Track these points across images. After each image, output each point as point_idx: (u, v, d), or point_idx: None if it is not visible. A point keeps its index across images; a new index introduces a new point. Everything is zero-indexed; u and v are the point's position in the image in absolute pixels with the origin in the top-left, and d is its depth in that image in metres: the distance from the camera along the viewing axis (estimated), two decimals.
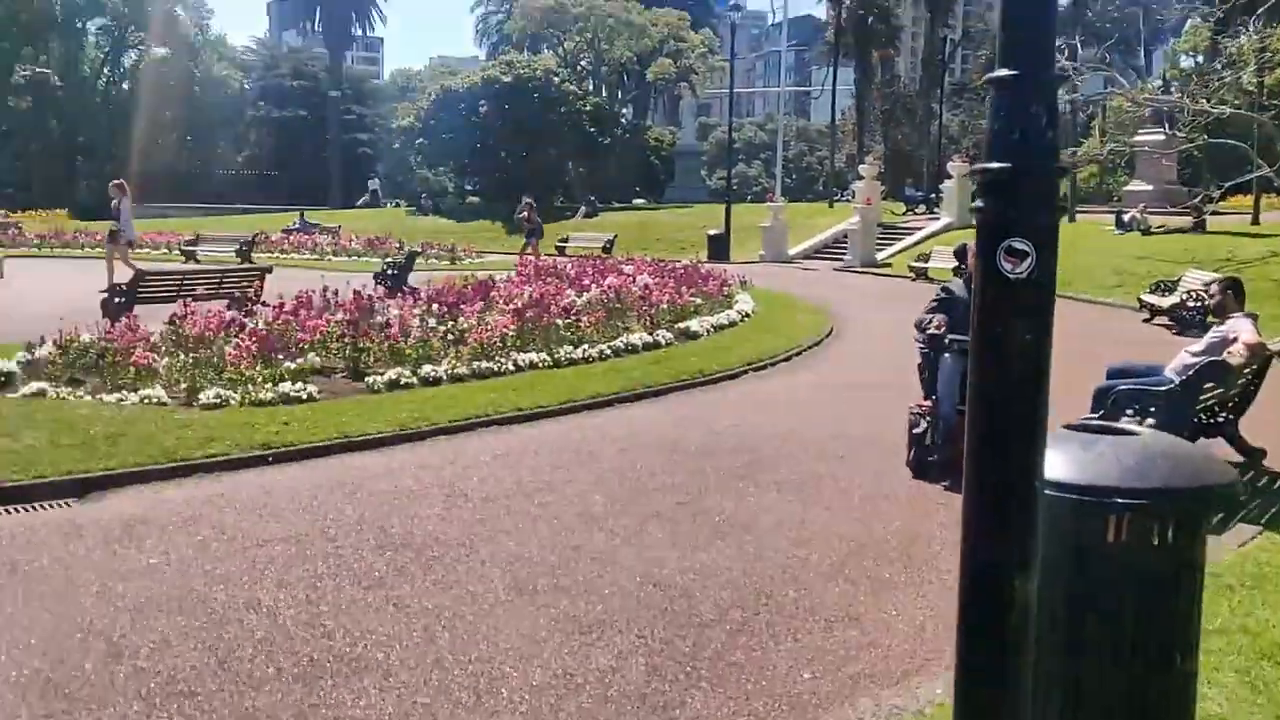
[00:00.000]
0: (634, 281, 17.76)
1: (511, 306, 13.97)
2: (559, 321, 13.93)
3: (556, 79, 51.32)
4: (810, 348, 15.56)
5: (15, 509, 7.07)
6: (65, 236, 38.75)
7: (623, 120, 59.51)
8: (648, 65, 62.36)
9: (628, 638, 4.93)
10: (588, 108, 52.47)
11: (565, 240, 38.13)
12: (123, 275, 19.97)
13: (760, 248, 36.51)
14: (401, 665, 4.61)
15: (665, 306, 16.23)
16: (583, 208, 47.39)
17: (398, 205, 62.29)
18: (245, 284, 16.49)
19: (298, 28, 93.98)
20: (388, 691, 4.37)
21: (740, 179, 79.39)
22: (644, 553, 6.19)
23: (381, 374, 11.39)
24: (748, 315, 18.26)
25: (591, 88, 61.17)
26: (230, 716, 4.15)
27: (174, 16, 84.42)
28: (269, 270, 17.94)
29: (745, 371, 13.43)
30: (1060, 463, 3.22)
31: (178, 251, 34.30)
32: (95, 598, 5.39)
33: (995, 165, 2.89)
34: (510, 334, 13.06)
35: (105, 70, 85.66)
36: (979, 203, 2.95)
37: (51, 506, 7.20)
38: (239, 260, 31.10)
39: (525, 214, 30.69)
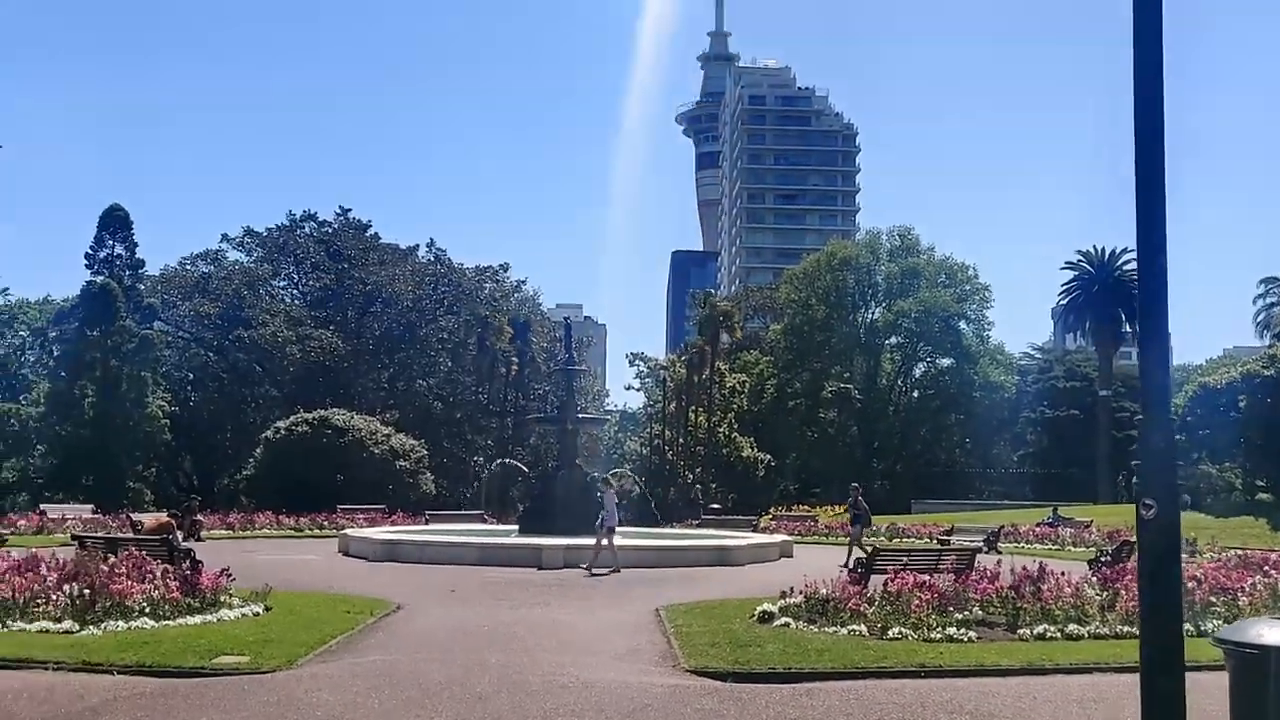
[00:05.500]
0: None
1: None
2: (1212, 598, 15.66)
3: None
4: None
5: (749, 685, 11.43)
6: (849, 527, 45.55)
7: None
8: None
9: None
10: None
11: None
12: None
13: None
14: None
15: None
16: None
17: None
18: (954, 561, 20.24)
19: (1080, 329, 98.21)
20: None
21: None
22: None
23: (1032, 629, 14.35)
24: None
25: None
26: None
27: (958, 330, 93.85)
28: (978, 551, 21.58)
29: None
30: None
31: (936, 541, 38.99)
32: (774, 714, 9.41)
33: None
34: None
35: (898, 381, 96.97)
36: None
37: (772, 686, 11.43)
38: (984, 550, 34.86)
39: (853, 499, 31.54)
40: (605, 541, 25.10)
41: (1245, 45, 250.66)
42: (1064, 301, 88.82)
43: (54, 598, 14.30)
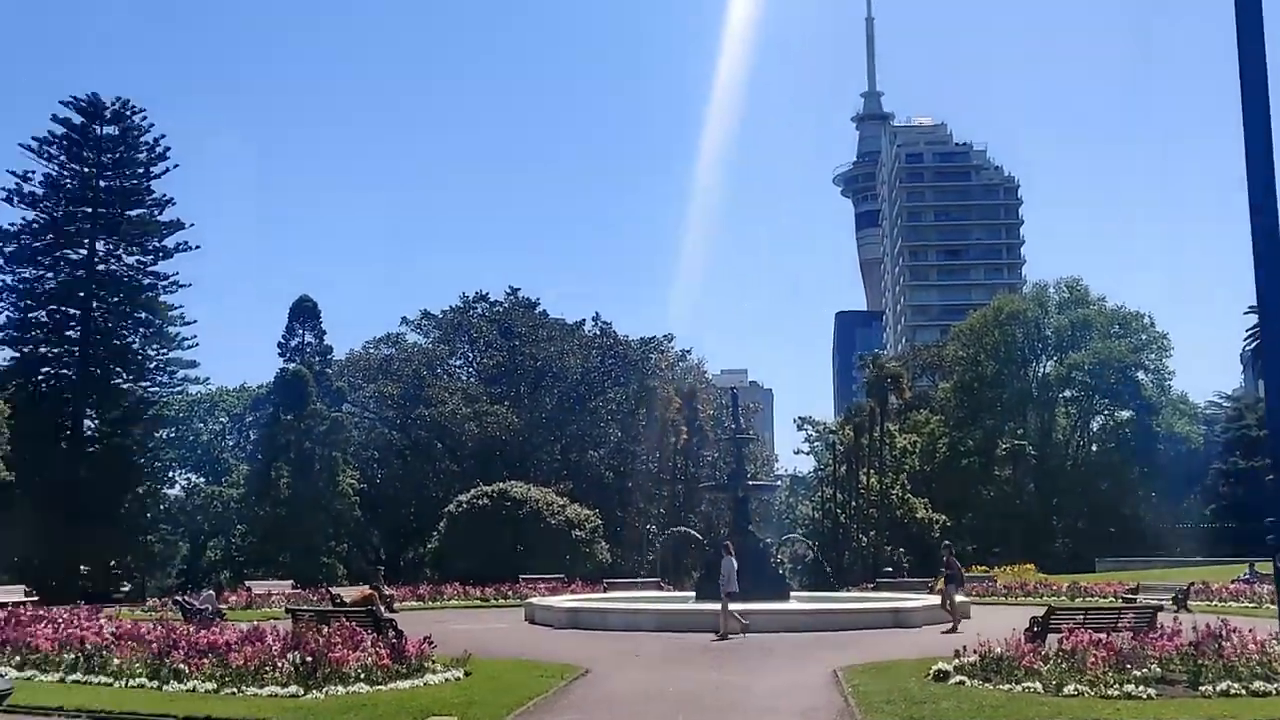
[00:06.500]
0: None
1: None
2: None
3: None
4: None
5: None
6: (1028, 587, 44.65)
7: None
8: None
9: None
10: None
11: None
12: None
13: None
14: None
15: None
16: None
17: None
18: (1133, 619, 20.09)
19: None
20: None
21: None
22: None
23: (1215, 685, 14.34)
24: None
25: None
26: None
27: (1136, 381, 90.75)
28: (1160, 609, 21.41)
29: None
30: None
31: (1120, 600, 37.92)
32: None
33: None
34: None
35: (1075, 436, 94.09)
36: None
37: None
38: (1174, 608, 33.86)
39: (945, 559, 31.03)
40: (729, 607, 25.24)
41: None
42: (1250, 347, 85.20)
43: (279, 665, 15.78)
